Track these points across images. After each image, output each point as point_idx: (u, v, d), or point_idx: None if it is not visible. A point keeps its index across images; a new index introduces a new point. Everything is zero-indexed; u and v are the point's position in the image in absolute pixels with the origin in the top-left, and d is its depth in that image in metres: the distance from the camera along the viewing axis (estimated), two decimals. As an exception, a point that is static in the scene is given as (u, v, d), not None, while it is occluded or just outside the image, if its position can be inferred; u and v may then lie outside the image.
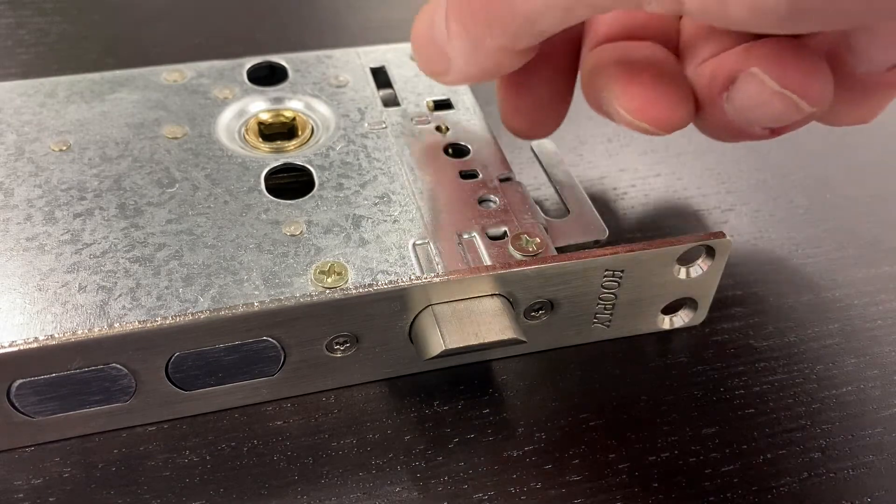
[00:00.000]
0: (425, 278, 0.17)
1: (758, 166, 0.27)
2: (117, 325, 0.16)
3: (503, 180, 0.21)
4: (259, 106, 0.23)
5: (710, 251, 0.19)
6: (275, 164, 0.21)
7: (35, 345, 0.15)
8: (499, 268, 0.18)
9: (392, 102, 0.24)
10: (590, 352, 0.20)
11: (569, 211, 0.22)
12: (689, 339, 0.21)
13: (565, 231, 0.21)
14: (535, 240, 0.19)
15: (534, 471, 0.18)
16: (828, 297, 0.22)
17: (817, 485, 0.18)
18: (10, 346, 0.15)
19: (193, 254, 0.19)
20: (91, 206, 0.20)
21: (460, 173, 0.21)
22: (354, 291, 0.17)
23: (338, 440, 0.18)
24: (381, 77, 0.25)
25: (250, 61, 0.25)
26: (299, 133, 0.23)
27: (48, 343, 0.16)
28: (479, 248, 0.19)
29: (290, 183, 0.22)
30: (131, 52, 0.31)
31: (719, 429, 0.19)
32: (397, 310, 0.17)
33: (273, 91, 0.24)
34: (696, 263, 0.19)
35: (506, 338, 0.17)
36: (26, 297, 0.17)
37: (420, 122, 0.23)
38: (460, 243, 0.19)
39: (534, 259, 0.18)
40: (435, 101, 0.24)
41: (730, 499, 0.17)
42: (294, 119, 0.23)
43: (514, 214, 0.20)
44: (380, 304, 0.17)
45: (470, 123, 0.23)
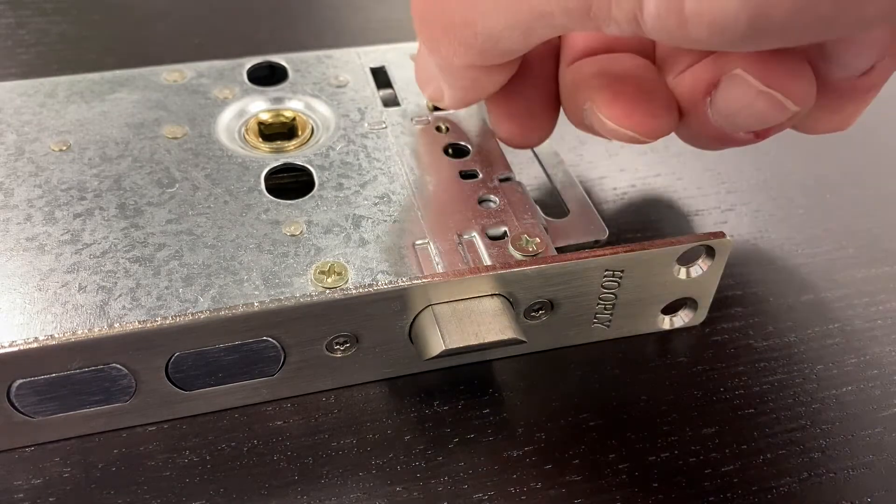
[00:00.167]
0: (425, 278, 0.17)
1: (758, 166, 0.27)
2: (117, 325, 0.16)
3: (503, 180, 0.21)
4: (259, 106, 0.23)
5: (710, 251, 0.19)
6: (275, 164, 0.21)
7: (35, 345, 0.15)
8: (499, 268, 0.18)
9: (392, 102, 0.24)
10: (590, 352, 0.20)
11: (569, 211, 0.22)
12: (689, 339, 0.21)
13: (565, 231, 0.21)
14: (535, 240, 0.19)
15: (534, 471, 0.18)
16: (828, 297, 0.22)
17: (817, 485, 0.18)
18: (10, 346, 0.15)
19: (193, 254, 0.19)
20: (91, 206, 0.20)
21: (460, 173, 0.21)
22: (354, 291, 0.17)
23: (338, 440, 0.18)
24: (381, 77, 0.25)
25: (250, 61, 0.25)
26: (299, 133, 0.23)
27: (48, 343, 0.16)
28: (479, 248, 0.19)
29: (290, 183, 0.22)
30: (131, 52, 0.31)
31: (719, 429, 0.19)
32: (397, 310, 0.17)
33: (273, 91, 0.24)
34: (696, 263, 0.19)
35: (506, 338, 0.17)
36: (26, 297, 0.17)
37: (420, 122, 0.23)
38: (460, 243, 0.19)
39: (534, 259, 0.18)
40: (435, 102, 0.24)
41: (730, 499, 0.17)
42: (294, 119, 0.23)
43: (514, 214, 0.20)
44: (380, 304, 0.17)
45: (470, 123, 0.23)
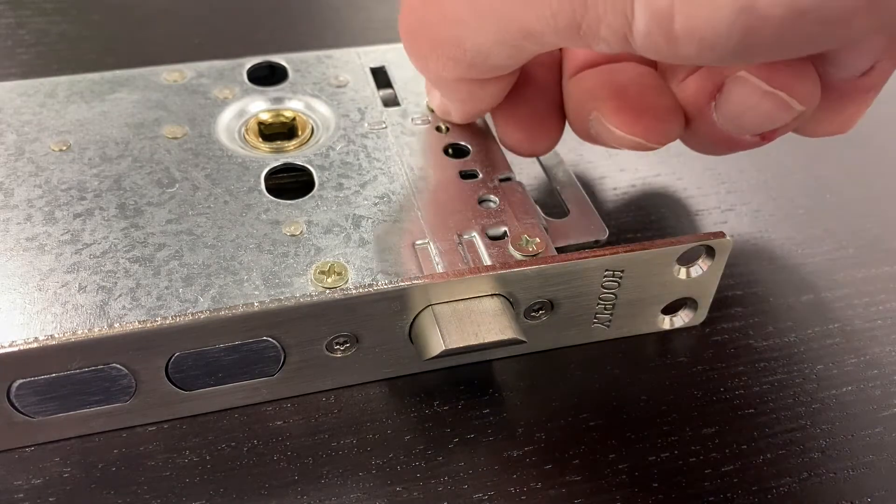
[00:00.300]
0: (425, 278, 0.17)
1: (758, 166, 0.27)
2: (117, 325, 0.16)
3: (503, 180, 0.21)
4: (259, 106, 0.23)
5: (710, 251, 0.19)
6: (275, 164, 0.21)
7: (35, 345, 0.15)
8: (499, 268, 0.18)
9: (392, 102, 0.24)
10: (590, 352, 0.20)
11: (569, 211, 0.22)
12: (689, 339, 0.21)
13: (565, 231, 0.21)
14: (535, 240, 0.19)
15: (534, 471, 0.18)
16: (828, 297, 0.22)
17: (817, 485, 0.18)
18: (10, 346, 0.15)
19: (193, 254, 0.19)
20: (91, 206, 0.20)
21: (460, 173, 0.21)
22: (354, 291, 0.17)
23: (338, 440, 0.18)
24: (381, 77, 0.25)
25: (250, 61, 0.25)
26: (299, 133, 0.23)
27: (48, 343, 0.16)
28: (479, 248, 0.19)
29: (290, 183, 0.22)
30: (131, 52, 0.31)
31: (719, 429, 0.19)
32: (397, 310, 0.17)
33: (273, 91, 0.24)
34: (696, 263, 0.19)
35: (506, 338, 0.17)
36: (26, 297, 0.17)
37: (420, 122, 0.23)
38: (460, 243, 0.19)
39: (534, 259, 0.18)
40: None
41: (730, 499, 0.17)
42: (294, 119, 0.23)
43: (514, 214, 0.20)
44: (380, 304, 0.17)
45: (470, 124, 0.23)
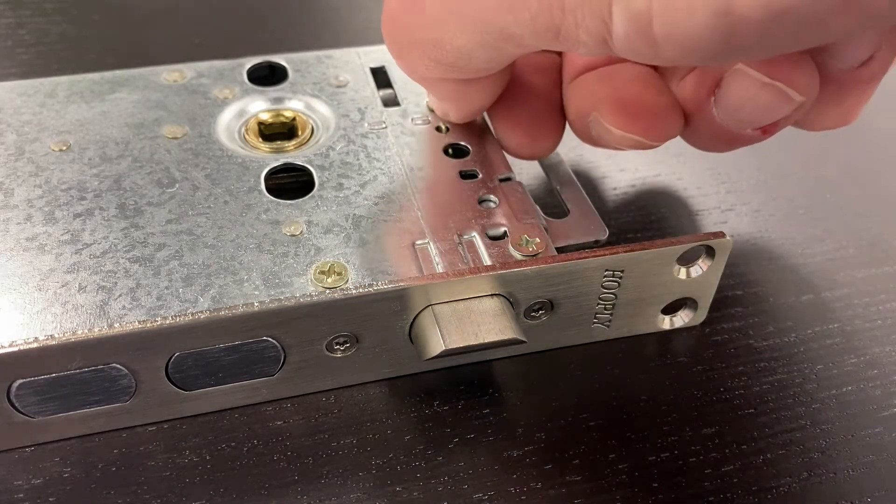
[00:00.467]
0: (425, 278, 0.17)
1: (758, 166, 0.27)
2: (117, 325, 0.16)
3: (503, 180, 0.21)
4: (259, 106, 0.23)
5: (710, 251, 0.19)
6: (275, 164, 0.21)
7: (35, 345, 0.15)
8: (499, 268, 0.18)
9: (392, 102, 0.24)
10: (590, 352, 0.20)
11: (569, 211, 0.22)
12: (689, 339, 0.21)
13: (565, 231, 0.21)
14: (535, 240, 0.19)
15: (534, 471, 0.18)
16: (828, 297, 0.22)
17: (817, 485, 0.18)
18: (10, 346, 0.15)
19: (193, 254, 0.19)
20: (91, 206, 0.20)
21: (460, 173, 0.21)
22: (354, 291, 0.17)
23: (338, 440, 0.18)
24: (381, 77, 0.25)
25: (250, 61, 0.25)
26: (299, 133, 0.23)
27: (48, 343, 0.16)
28: (479, 248, 0.19)
29: (290, 183, 0.22)
30: (131, 52, 0.31)
31: (719, 429, 0.19)
32: (397, 310, 0.17)
33: (273, 91, 0.24)
34: (696, 263, 0.19)
35: (506, 338, 0.17)
36: (26, 297, 0.17)
37: (420, 122, 0.23)
38: (460, 243, 0.19)
39: (534, 259, 0.18)
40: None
41: (730, 499, 0.17)
42: (294, 119, 0.23)
43: (514, 214, 0.20)
44: (380, 304, 0.17)
45: (470, 123, 0.23)
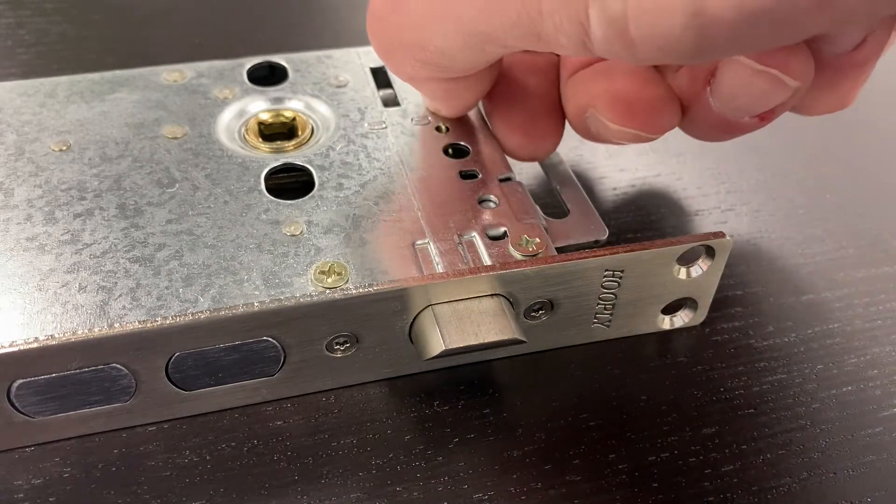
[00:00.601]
0: (425, 278, 0.17)
1: (758, 166, 0.27)
2: (117, 325, 0.16)
3: (503, 180, 0.21)
4: (259, 106, 0.23)
5: (710, 251, 0.19)
6: (275, 164, 0.21)
7: (35, 345, 0.15)
8: (499, 268, 0.18)
9: (392, 102, 0.24)
10: (590, 352, 0.20)
11: (569, 211, 0.22)
12: (689, 339, 0.21)
13: (565, 231, 0.21)
14: (535, 240, 0.19)
15: (534, 471, 0.18)
16: (828, 297, 0.22)
17: (817, 485, 0.18)
18: (10, 346, 0.15)
19: (193, 254, 0.19)
20: (91, 206, 0.20)
21: (460, 173, 0.21)
22: (354, 291, 0.17)
23: (338, 440, 0.18)
24: (381, 77, 0.25)
25: (250, 61, 0.25)
26: (299, 133, 0.23)
27: (48, 343, 0.16)
28: (479, 248, 0.19)
29: (290, 183, 0.22)
30: (131, 52, 0.31)
31: (719, 429, 0.19)
32: (397, 310, 0.17)
33: (273, 91, 0.24)
34: (696, 263, 0.19)
35: (506, 338, 0.17)
36: (26, 297, 0.17)
37: (420, 122, 0.23)
38: (460, 243, 0.19)
39: (534, 259, 0.18)
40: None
41: (730, 499, 0.17)
42: (294, 119, 0.23)
43: (514, 214, 0.20)
44: (380, 304, 0.17)
45: (470, 124, 0.23)
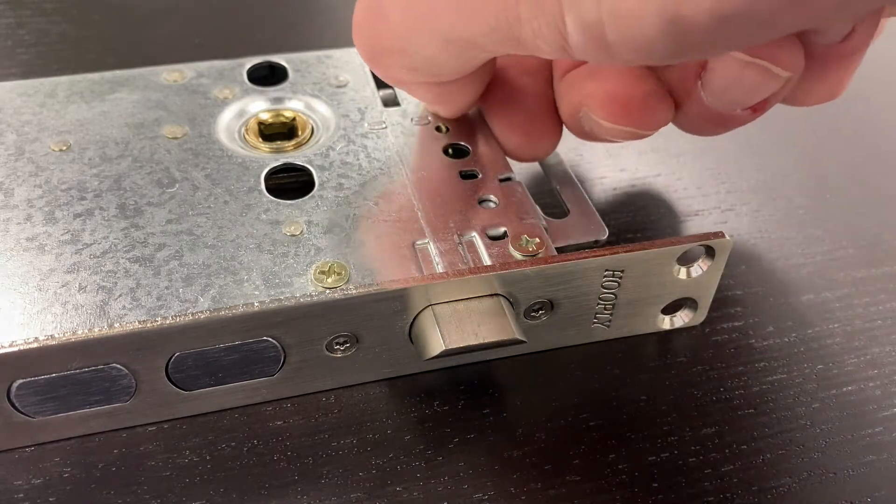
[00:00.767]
0: (425, 278, 0.17)
1: (758, 166, 0.27)
2: (117, 325, 0.16)
3: (503, 180, 0.21)
4: (259, 106, 0.23)
5: (710, 251, 0.19)
6: (275, 164, 0.21)
7: (35, 345, 0.15)
8: (499, 268, 0.18)
9: (392, 102, 0.24)
10: (590, 352, 0.20)
11: (569, 211, 0.22)
12: (689, 339, 0.21)
13: (565, 231, 0.21)
14: (535, 240, 0.19)
15: (534, 471, 0.18)
16: (828, 297, 0.22)
17: (817, 485, 0.18)
18: (10, 346, 0.15)
19: (193, 254, 0.19)
20: (91, 206, 0.20)
21: (460, 173, 0.21)
22: (354, 291, 0.17)
23: (338, 440, 0.18)
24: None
25: (250, 61, 0.25)
26: (299, 133, 0.23)
27: (48, 343, 0.16)
28: (479, 248, 0.19)
29: (290, 183, 0.22)
30: (131, 52, 0.31)
31: (719, 429, 0.19)
32: (397, 310, 0.17)
33: (273, 91, 0.24)
34: (696, 263, 0.19)
35: (506, 338, 0.17)
36: (26, 297, 0.17)
37: (420, 122, 0.23)
38: (460, 243, 0.19)
39: (534, 259, 0.18)
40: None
41: (730, 499, 0.17)
42: (294, 119, 0.23)
43: (514, 214, 0.20)
44: (380, 304, 0.17)
45: (470, 124, 0.23)
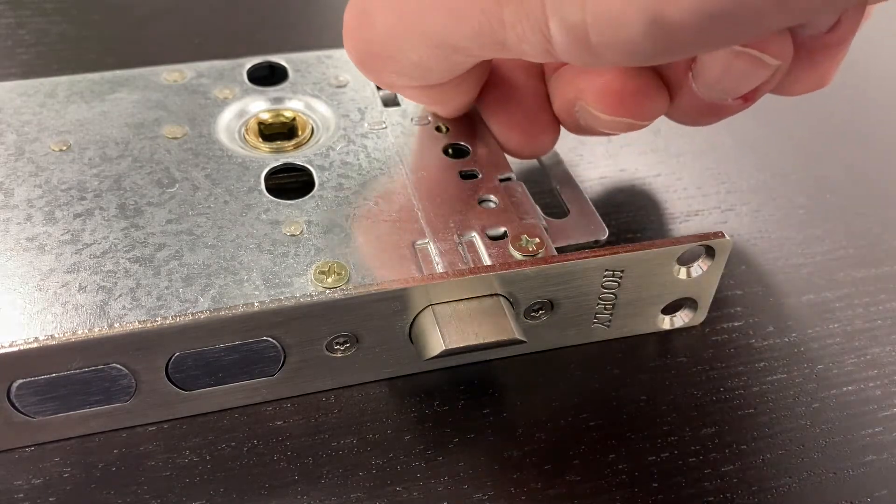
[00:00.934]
0: (425, 278, 0.17)
1: (758, 166, 0.27)
2: (117, 325, 0.16)
3: (503, 180, 0.21)
4: (259, 106, 0.23)
5: (710, 251, 0.19)
6: (275, 164, 0.21)
7: (35, 345, 0.15)
8: (499, 268, 0.18)
9: (392, 102, 0.24)
10: (590, 352, 0.20)
11: (569, 211, 0.22)
12: (689, 339, 0.21)
13: (565, 231, 0.21)
14: (535, 240, 0.19)
15: (534, 471, 0.18)
16: (828, 297, 0.22)
17: (817, 485, 0.18)
18: (10, 346, 0.15)
19: (193, 254, 0.19)
20: (91, 206, 0.20)
21: (460, 173, 0.21)
22: (354, 291, 0.17)
23: (338, 440, 0.18)
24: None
25: (250, 61, 0.25)
26: (299, 133, 0.23)
27: (48, 343, 0.16)
28: (479, 248, 0.19)
29: (290, 183, 0.22)
30: (131, 52, 0.31)
31: (719, 429, 0.19)
32: (397, 310, 0.17)
33: (273, 91, 0.24)
34: (696, 263, 0.19)
35: (506, 338, 0.17)
36: (26, 297, 0.17)
37: (420, 122, 0.23)
38: (460, 243, 0.19)
39: (534, 259, 0.18)
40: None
41: (730, 499, 0.17)
42: (294, 119, 0.23)
43: (514, 214, 0.20)
44: (380, 304, 0.17)
45: (470, 124, 0.23)
